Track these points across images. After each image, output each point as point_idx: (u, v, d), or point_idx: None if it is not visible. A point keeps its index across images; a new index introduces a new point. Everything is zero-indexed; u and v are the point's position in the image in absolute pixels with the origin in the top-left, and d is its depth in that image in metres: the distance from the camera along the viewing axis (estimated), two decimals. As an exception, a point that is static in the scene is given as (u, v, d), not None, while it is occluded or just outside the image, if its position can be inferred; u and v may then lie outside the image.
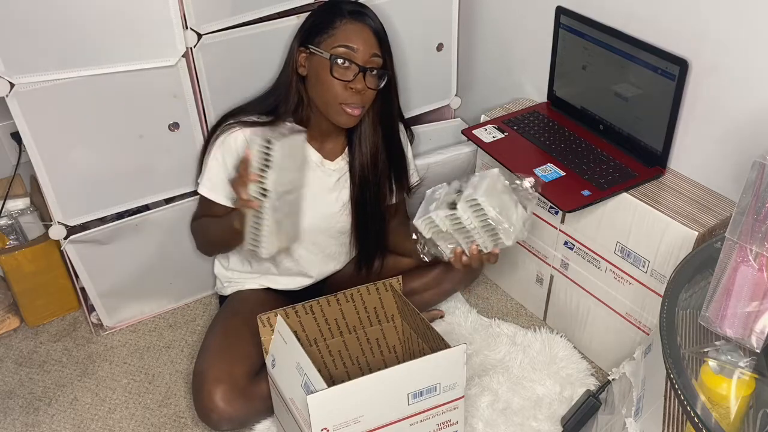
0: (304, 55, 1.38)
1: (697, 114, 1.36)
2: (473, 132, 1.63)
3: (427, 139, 1.87)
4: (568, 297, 1.62)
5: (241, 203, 1.25)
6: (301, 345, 1.17)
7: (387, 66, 1.39)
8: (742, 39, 1.24)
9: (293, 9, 1.53)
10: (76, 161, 1.45)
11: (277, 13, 1.52)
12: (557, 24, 1.56)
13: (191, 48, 1.43)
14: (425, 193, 1.34)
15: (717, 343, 0.96)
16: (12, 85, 1.31)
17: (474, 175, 1.29)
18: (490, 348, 1.63)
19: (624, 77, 1.44)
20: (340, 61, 1.33)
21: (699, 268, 1.11)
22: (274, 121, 1.40)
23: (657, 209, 1.33)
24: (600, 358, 1.60)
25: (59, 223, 1.49)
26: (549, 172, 1.46)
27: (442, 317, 1.73)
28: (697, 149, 1.39)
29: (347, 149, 1.49)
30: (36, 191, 1.72)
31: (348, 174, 1.50)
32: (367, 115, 1.44)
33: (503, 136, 1.60)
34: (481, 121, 1.69)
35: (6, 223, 1.77)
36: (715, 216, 1.31)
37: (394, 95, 1.47)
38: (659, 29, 1.36)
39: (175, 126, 1.50)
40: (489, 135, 1.61)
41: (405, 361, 1.15)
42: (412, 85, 1.77)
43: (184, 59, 1.44)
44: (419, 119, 1.88)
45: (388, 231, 1.60)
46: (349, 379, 1.11)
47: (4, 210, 1.74)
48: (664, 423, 1.04)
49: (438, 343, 1.25)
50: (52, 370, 1.63)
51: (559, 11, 1.54)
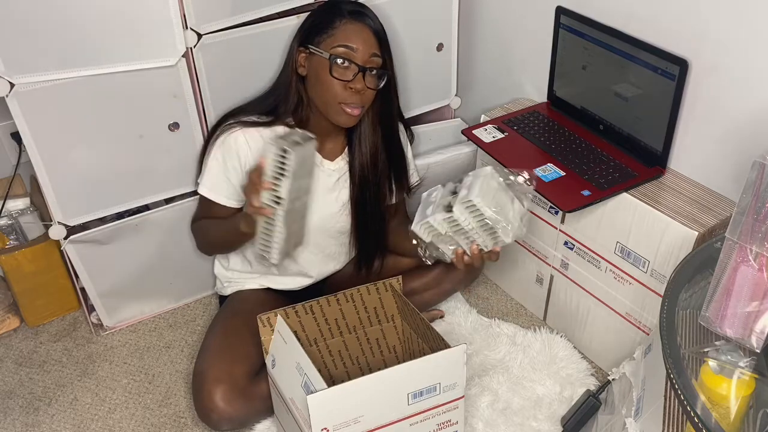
0: (303, 55, 1.38)
1: (697, 114, 1.36)
2: (473, 132, 1.63)
3: (427, 139, 1.87)
4: (568, 297, 1.62)
5: (252, 210, 1.24)
6: (301, 345, 1.17)
7: (387, 66, 1.39)
8: (742, 39, 1.24)
9: (293, 9, 1.52)
10: (76, 161, 1.45)
11: (277, 13, 1.52)
12: (557, 24, 1.56)
13: (191, 48, 1.43)
14: (421, 197, 1.34)
15: (717, 343, 0.96)
16: (12, 85, 1.31)
17: (467, 174, 1.28)
18: (490, 348, 1.63)
19: (624, 77, 1.44)
20: (340, 60, 1.33)
21: (699, 268, 1.11)
22: (274, 121, 1.40)
23: (657, 209, 1.33)
24: (600, 358, 1.60)
25: (59, 223, 1.49)
26: (549, 172, 1.46)
27: (442, 317, 1.73)
28: (697, 149, 1.39)
29: (347, 149, 1.49)
30: (36, 191, 1.72)
31: (348, 174, 1.50)
32: (366, 115, 1.44)
33: (503, 136, 1.60)
34: (481, 121, 1.69)
35: (6, 223, 1.77)
36: (715, 216, 1.31)
37: (394, 95, 1.47)
38: (659, 29, 1.36)
39: (175, 126, 1.50)
40: (489, 135, 1.61)
41: (405, 361, 1.15)
42: (412, 85, 1.77)
43: (184, 59, 1.44)
44: (419, 119, 1.88)
45: (388, 231, 1.60)
46: (349, 379, 1.11)
47: (4, 210, 1.74)
48: (664, 423, 1.04)
49: (438, 343, 1.25)
50: (52, 370, 1.63)
51: (559, 11, 1.54)
